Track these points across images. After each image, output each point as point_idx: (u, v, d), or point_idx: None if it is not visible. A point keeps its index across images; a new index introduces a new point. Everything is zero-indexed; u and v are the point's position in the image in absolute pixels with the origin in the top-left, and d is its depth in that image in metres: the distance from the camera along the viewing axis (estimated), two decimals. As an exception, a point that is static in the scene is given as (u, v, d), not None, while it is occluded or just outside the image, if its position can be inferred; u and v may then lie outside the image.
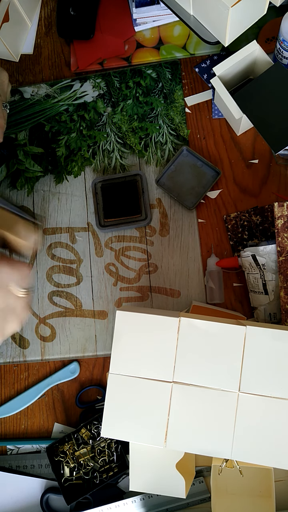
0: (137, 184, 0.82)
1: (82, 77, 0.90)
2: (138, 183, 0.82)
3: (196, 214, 0.82)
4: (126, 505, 0.73)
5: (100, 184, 0.83)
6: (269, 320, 0.73)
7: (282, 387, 0.55)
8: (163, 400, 0.57)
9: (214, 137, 0.84)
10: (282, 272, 0.69)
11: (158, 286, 0.81)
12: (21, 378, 0.83)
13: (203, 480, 0.74)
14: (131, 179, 0.83)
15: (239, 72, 0.80)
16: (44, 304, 0.84)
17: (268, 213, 0.79)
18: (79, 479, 0.76)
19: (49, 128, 0.89)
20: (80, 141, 0.88)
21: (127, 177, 0.83)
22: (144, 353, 0.58)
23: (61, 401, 0.81)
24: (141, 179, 0.82)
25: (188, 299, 0.80)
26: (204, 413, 0.56)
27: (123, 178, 0.83)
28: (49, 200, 0.87)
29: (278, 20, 0.82)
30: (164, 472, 0.60)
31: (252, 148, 0.83)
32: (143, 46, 0.90)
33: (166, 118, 0.86)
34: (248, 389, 0.56)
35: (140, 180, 0.82)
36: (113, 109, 0.88)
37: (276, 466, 0.55)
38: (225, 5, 0.66)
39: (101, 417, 0.72)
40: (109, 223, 0.82)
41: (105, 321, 0.82)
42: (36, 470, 0.79)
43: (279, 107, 0.73)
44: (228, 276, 0.80)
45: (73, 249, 0.85)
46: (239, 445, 0.55)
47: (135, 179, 0.83)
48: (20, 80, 0.93)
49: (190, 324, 0.57)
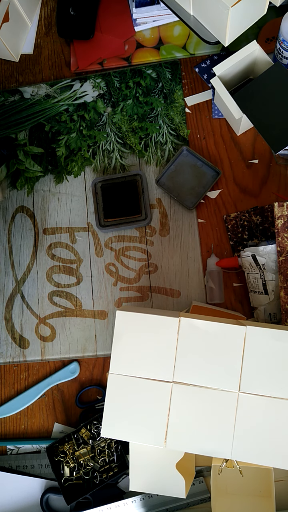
0: (137, 184, 0.82)
1: (82, 77, 0.90)
2: (138, 183, 0.82)
3: (196, 214, 0.82)
4: (126, 505, 0.73)
5: (100, 184, 0.83)
6: (269, 320, 0.73)
7: (282, 387, 0.55)
8: (163, 400, 0.57)
9: (214, 137, 0.84)
10: (282, 272, 0.69)
11: (158, 286, 0.81)
12: (21, 378, 0.83)
13: (203, 480, 0.74)
14: (131, 179, 0.83)
15: (239, 72, 0.80)
16: (44, 304, 0.84)
17: (268, 213, 0.79)
18: (79, 479, 0.76)
19: (49, 128, 0.89)
20: (80, 141, 0.88)
21: (127, 177, 0.83)
22: (144, 353, 0.58)
23: (61, 401, 0.81)
24: (141, 179, 0.82)
25: (188, 299, 0.80)
26: (204, 413, 0.56)
27: (123, 178, 0.83)
28: (49, 200, 0.87)
29: (278, 20, 0.82)
30: (164, 472, 0.60)
31: (252, 148, 0.83)
32: (143, 46, 0.90)
33: (166, 118, 0.86)
34: (248, 389, 0.56)
35: (140, 180, 0.82)
36: (113, 109, 0.88)
37: (276, 466, 0.55)
38: (225, 5, 0.66)
39: (101, 417, 0.72)
40: (109, 223, 0.82)
41: (105, 321, 0.82)
42: (36, 470, 0.79)
43: (279, 107, 0.73)
44: (228, 276, 0.80)
45: (73, 249, 0.85)
46: (239, 445, 0.55)
47: (135, 179, 0.83)
48: (20, 80, 0.93)
49: (190, 324, 0.57)
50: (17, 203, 0.88)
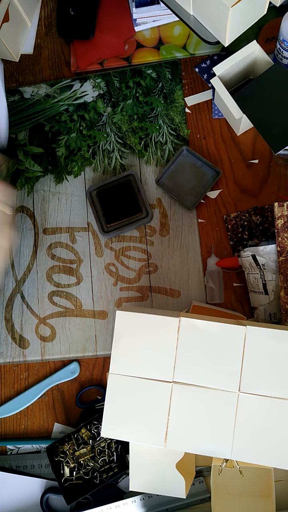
0: (131, 184, 0.82)
1: (82, 77, 0.90)
2: (132, 183, 0.82)
3: (196, 214, 0.82)
4: (126, 505, 0.73)
5: (95, 192, 0.83)
6: (269, 320, 0.73)
7: (282, 387, 0.55)
8: (163, 400, 0.57)
9: (214, 137, 0.84)
10: (282, 272, 0.69)
11: (158, 286, 0.81)
12: (21, 378, 0.83)
13: (203, 480, 0.74)
14: (124, 181, 0.82)
15: (239, 72, 0.80)
16: (44, 304, 0.84)
17: (268, 213, 0.79)
18: (79, 479, 0.76)
19: (49, 128, 0.89)
20: (80, 141, 0.88)
21: (120, 179, 0.83)
22: (144, 353, 0.58)
23: (61, 401, 0.81)
24: (134, 179, 0.82)
25: (188, 299, 0.80)
26: (204, 413, 0.56)
27: (116, 181, 0.82)
28: (49, 200, 0.87)
29: (278, 20, 0.82)
30: (164, 472, 0.60)
31: (252, 148, 0.83)
32: (143, 46, 0.90)
33: (166, 118, 0.86)
34: (248, 389, 0.56)
35: (133, 179, 0.82)
36: (113, 109, 0.88)
37: (276, 466, 0.55)
38: (225, 5, 0.66)
39: (101, 417, 0.72)
40: (112, 228, 0.82)
41: (105, 321, 0.82)
42: (36, 470, 0.79)
43: (279, 107, 0.73)
44: (228, 276, 0.80)
45: (73, 249, 0.85)
46: (239, 445, 0.55)
47: (129, 179, 0.82)
48: (20, 80, 0.93)
49: (190, 324, 0.57)
50: (17, 203, 0.87)
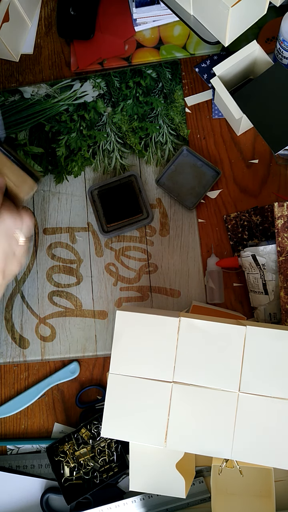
0: (133, 185, 0.82)
1: (82, 77, 0.90)
2: (133, 184, 0.82)
3: (196, 214, 0.82)
4: (126, 505, 0.73)
5: (96, 191, 0.83)
6: (269, 320, 0.73)
7: (282, 387, 0.55)
8: (163, 400, 0.57)
9: (214, 137, 0.84)
10: (282, 272, 0.69)
11: (158, 286, 0.81)
12: (21, 378, 0.83)
13: (203, 480, 0.74)
14: (126, 181, 0.82)
15: (239, 72, 0.80)
16: (44, 304, 0.84)
17: (268, 213, 0.80)
18: (79, 479, 0.76)
19: (49, 128, 0.89)
20: (80, 141, 0.88)
21: (121, 179, 0.83)
22: (144, 353, 0.58)
23: (61, 401, 0.81)
24: (135, 179, 0.82)
25: (188, 299, 0.80)
26: (204, 413, 0.56)
27: (118, 181, 0.83)
28: (49, 200, 0.87)
29: (278, 20, 0.82)
30: (164, 472, 0.60)
31: (252, 148, 0.83)
32: (143, 46, 0.90)
33: (166, 118, 0.86)
34: (248, 389, 0.56)
35: (135, 180, 0.82)
36: (113, 109, 0.88)
37: (276, 466, 0.55)
38: (225, 5, 0.66)
39: (101, 417, 0.72)
40: (112, 228, 0.82)
41: (105, 321, 0.82)
42: (36, 470, 0.80)
43: (279, 107, 0.73)
44: (228, 276, 0.80)
45: (73, 249, 0.85)
46: (239, 445, 0.55)
47: (130, 180, 0.82)
48: (20, 80, 0.93)
49: (190, 324, 0.57)
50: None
